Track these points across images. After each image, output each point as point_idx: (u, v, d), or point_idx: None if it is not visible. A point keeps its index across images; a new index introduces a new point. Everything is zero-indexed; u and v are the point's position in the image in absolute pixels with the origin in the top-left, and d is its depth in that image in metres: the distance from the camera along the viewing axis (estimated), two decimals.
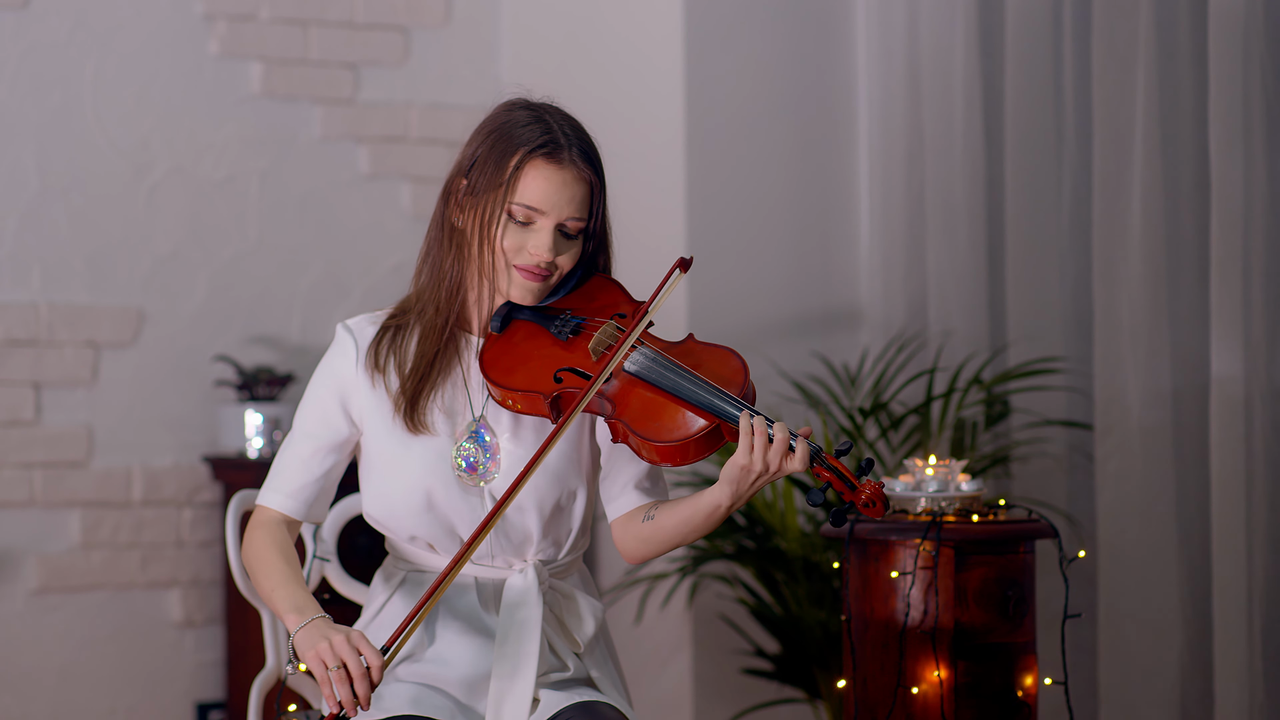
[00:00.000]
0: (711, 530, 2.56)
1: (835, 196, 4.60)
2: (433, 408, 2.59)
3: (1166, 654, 3.86)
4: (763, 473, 2.46)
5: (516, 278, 2.57)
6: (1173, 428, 3.89)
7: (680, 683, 4.40)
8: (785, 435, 2.45)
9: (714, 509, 2.52)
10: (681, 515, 2.56)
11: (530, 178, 2.55)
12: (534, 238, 2.56)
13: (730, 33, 4.49)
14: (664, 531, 2.58)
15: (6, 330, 4.41)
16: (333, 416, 2.61)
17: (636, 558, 2.64)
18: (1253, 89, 3.69)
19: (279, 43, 4.67)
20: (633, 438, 2.49)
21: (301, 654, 2.44)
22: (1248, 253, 3.71)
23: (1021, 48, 4.16)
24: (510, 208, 2.55)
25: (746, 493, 2.49)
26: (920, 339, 4.37)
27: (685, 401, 2.49)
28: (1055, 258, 4.16)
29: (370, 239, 4.71)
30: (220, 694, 4.57)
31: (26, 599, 4.43)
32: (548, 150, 2.55)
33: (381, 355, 2.61)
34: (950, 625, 3.02)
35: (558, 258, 2.57)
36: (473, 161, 2.59)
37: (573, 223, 2.56)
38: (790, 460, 2.46)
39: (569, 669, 2.60)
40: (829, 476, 2.46)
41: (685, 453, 2.48)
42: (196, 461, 4.56)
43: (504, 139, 2.57)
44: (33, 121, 4.45)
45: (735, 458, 2.46)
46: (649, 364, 2.54)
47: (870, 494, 2.45)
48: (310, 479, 2.61)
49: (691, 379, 2.50)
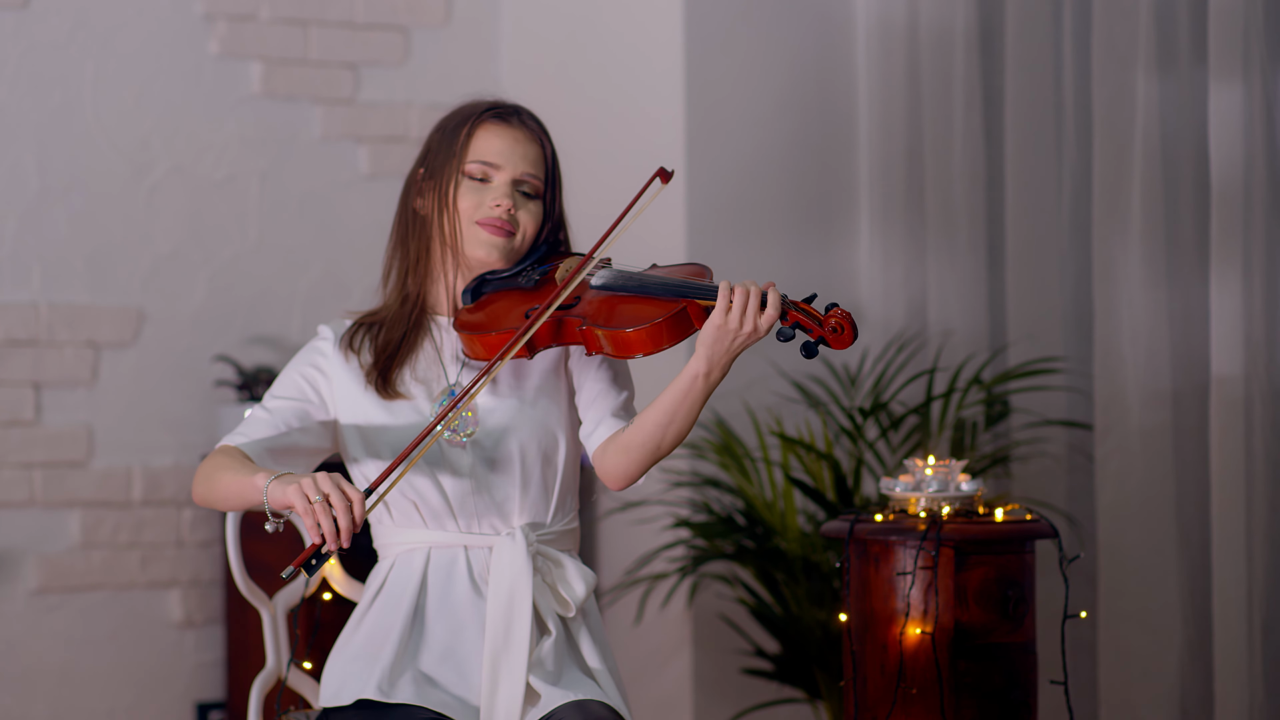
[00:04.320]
0: (693, 415, 2.56)
1: (835, 196, 4.60)
2: (405, 377, 2.67)
3: (1166, 654, 3.86)
4: (738, 330, 2.50)
5: (480, 234, 2.65)
6: (1173, 428, 3.89)
7: (680, 683, 4.40)
8: (757, 290, 2.51)
9: (692, 380, 2.54)
10: (660, 404, 2.57)
11: (481, 137, 2.65)
12: (492, 192, 2.64)
13: (730, 33, 4.49)
14: (644, 429, 2.58)
15: (6, 330, 4.41)
16: (303, 387, 2.68)
17: (620, 474, 2.62)
18: (1253, 89, 3.70)
19: (279, 43, 4.67)
20: (604, 335, 2.55)
21: (281, 496, 2.44)
22: (1248, 253, 3.71)
23: (1021, 48, 4.17)
24: (466, 168, 2.65)
25: (722, 357, 2.52)
26: (920, 339, 4.37)
27: (653, 295, 2.57)
28: (1055, 258, 4.16)
29: (370, 239, 4.71)
30: (220, 694, 4.57)
31: (26, 599, 4.43)
32: (496, 112, 2.67)
33: (356, 339, 2.71)
34: (950, 625, 3.03)
35: (519, 213, 2.64)
36: (427, 151, 2.70)
37: (530, 179, 2.65)
38: (763, 315, 2.50)
39: (551, 633, 2.61)
40: (796, 317, 2.54)
41: (658, 336, 2.54)
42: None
43: (453, 119, 2.69)
44: (33, 121, 4.45)
45: (711, 318, 2.51)
46: (614, 275, 2.62)
47: (836, 320, 2.52)
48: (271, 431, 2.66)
49: (656, 277, 2.59)
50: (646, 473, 2.62)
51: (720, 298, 2.50)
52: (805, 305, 2.55)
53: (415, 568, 2.65)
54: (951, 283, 4.32)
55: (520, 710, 2.55)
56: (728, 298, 2.49)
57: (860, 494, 4.04)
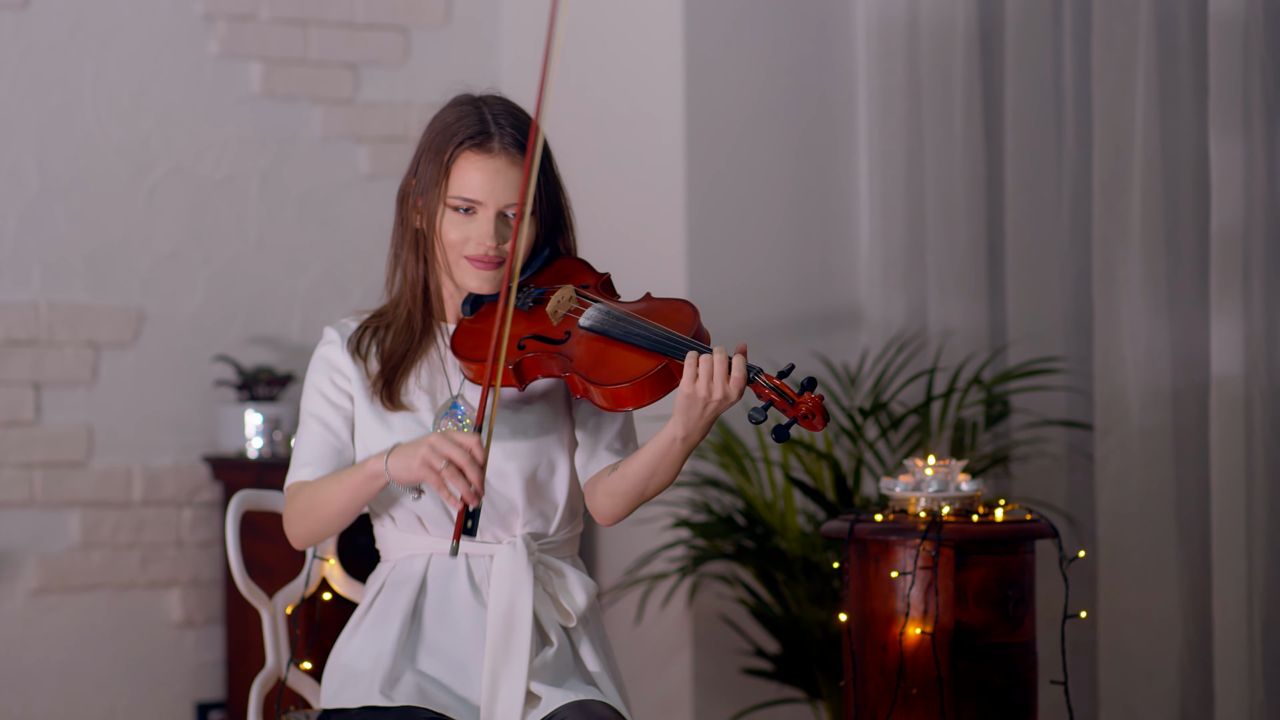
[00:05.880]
0: (674, 470, 2.57)
1: (835, 196, 4.60)
2: (410, 387, 2.66)
3: (1166, 654, 3.86)
4: (707, 399, 2.48)
5: (468, 268, 2.64)
6: (1173, 428, 3.89)
7: (680, 683, 4.40)
8: (724, 358, 2.49)
9: (670, 442, 2.54)
10: (642, 459, 2.58)
11: (462, 170, 2.62)
12: (477, 227, 2.62)
13: (730, 33, 4.49)
14: (628, 479, 2.59)
15: (6, 330, 4.41)
16: (335, 396, 2.67)
17: (607, 514, 2.64)
18: (1253, 89, 3.70)
19: (279, 43, 4.67)
20: (590, 386, 2.54)
21: (407, 474, 2.50)
22: (1248, 253, 3.71)
23: (1021, 48, 4.16)
24: (448, 200, 2.63)
25: (699, 423, 2.51)
26: (920, 339, 4.37)
27: (636, 347, 2.55)
28: (1055, 258, 4.16)
29: (370, 239, 4.71)
30: (220, 694, 4.57)
31: (26, 599, 4.43)
32: (476, 141, 2.63)
33: (364, 343, 2.69)
34: (950, 625, 3.03)
35: (504, 244, 2.62)
36: (418, 161, 2.68)
37: (513, 209, 2.61)
38: (730, 383, 2.48)
39: (554, 644, 2.61)
40: (769, 395, 2.50)
41: (639, 394, 2.52)
42: (196, 461, 4.56)
43: (441, 134, 2.67)
44: (33, 121, 4.45)
45: (680, 388, 2.50)
46: (602, 317, 2.59)
47: (809, 407, 2.48)
48: (331, 449, 2.66)
49: (642, 325, 2.56)
50: (634, 512, 2.65)
51: (687, 368, 2.48)
52: (777, 381, 2.50)
53: (415, 571, 2.65)
54: (951, 283, 4.32)
55: (521, 712, 2.55)
56: (694, 368, 2.48)
57: (860, 494, 4.04)
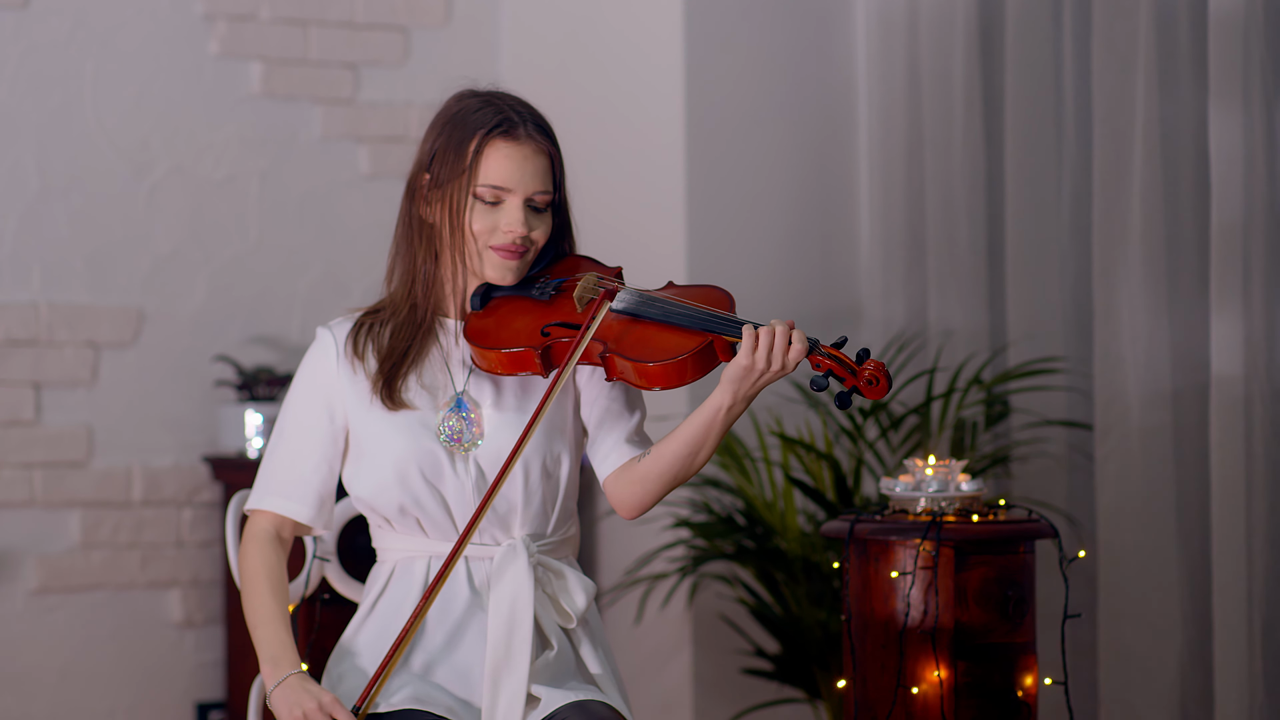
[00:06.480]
0: (717, 443, 2.56)
1: (835, 196, 4.60)
2: (411, 385, 2.63)
3: (1166, 654, 3.86)
4: (764, 370, 2.49)
5: (493, 259, 2.62)
6: (1173, 428, 3.89)
7: (680, 683, 4.40)
8: (785, 330, 2.49)
9: (716, 412, 2.53)
10: (683, 435, 2.56)
11: (491, 158, 2.61)
12: (505, 216, 2.61)
13: (730, 33, 4.49)
14: (663, 460, 2.58)
15: (6, 330, 4.41)
16: (320, 411, 2.64)
17: (634, 504, 2.63)
18: (1253, 88, 3.70)
19: (279, 43, 4.67)
20: (628, 365, 2.52)
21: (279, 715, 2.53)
22: (1248, 253, 3.71)
23: (1021, 48, 4.17)
24: (477, 190, 2.61)
25: (747, 392, 2.51)
26: (920, 339, 4.37)
27: (677, 326, 2.53)
28: (1055, 258, 4.16)
29: (370, 239, 4.71)
30: (220, 694, 4.57)
31: (26, 599, 4.42)
32: (504, 129, 2.62)
33: (360, 343, 2.66)
34: (950, 625, 3.03)
35: (532, 232, 2.62)
36: (432, 155, 2.65)
37: (540, 196, 2.63)
38: (790, 354, 2.48)
39: (554, 646, 2.61)
40: (829, 365, 2.49)
41: (682, 371, 2.50)
42: (196, 461, 4.56)
43: (459, 127, 2.64)
44: (33, 121, 4.45)
45: (737, 358, 2.49)
46: (637, 300, 2.58)
47: (871, 372, 2.47)
48: (307, 474, 2.64)
49: (681, 306, 2.55)
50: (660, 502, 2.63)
51: (745, 339, 2.48)
52: (837, 352, 2.50)
53: (416, 575, 2.64)
54: (951, 283, 4.32)
55: (521, 714, 2.54)
56: (753, 339, 2.48)
57: (860, 494, 4.04)
